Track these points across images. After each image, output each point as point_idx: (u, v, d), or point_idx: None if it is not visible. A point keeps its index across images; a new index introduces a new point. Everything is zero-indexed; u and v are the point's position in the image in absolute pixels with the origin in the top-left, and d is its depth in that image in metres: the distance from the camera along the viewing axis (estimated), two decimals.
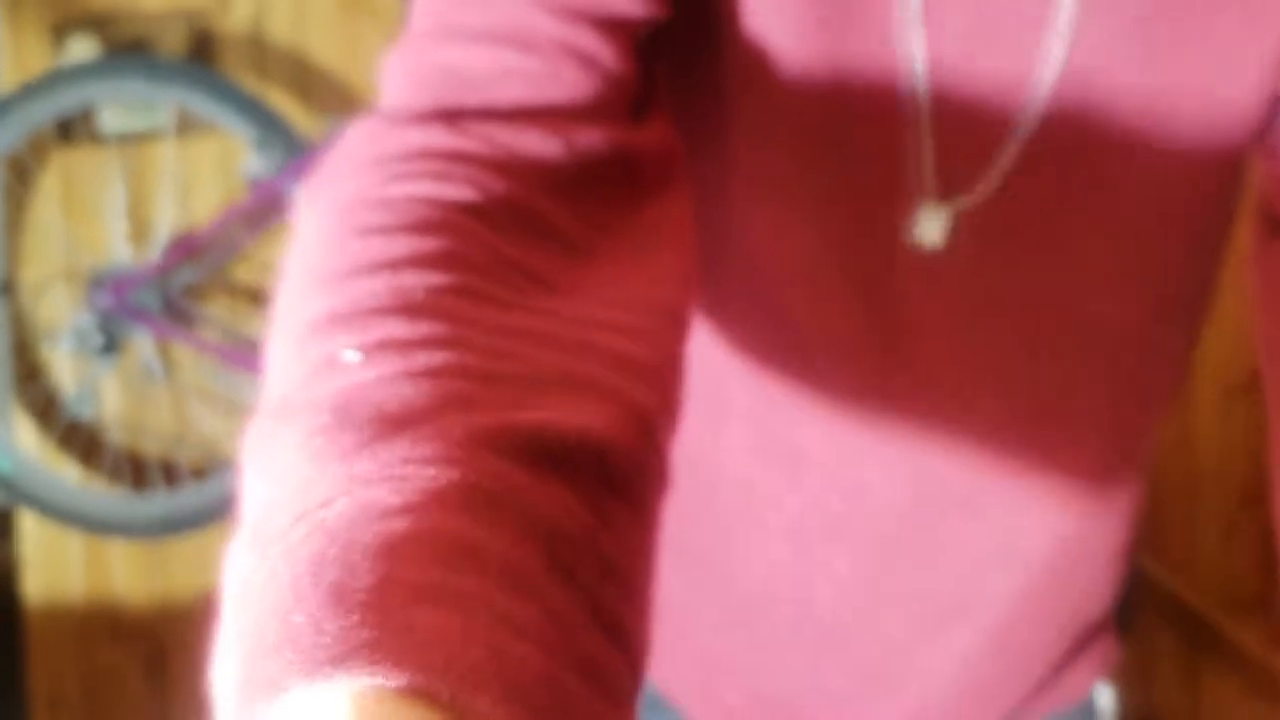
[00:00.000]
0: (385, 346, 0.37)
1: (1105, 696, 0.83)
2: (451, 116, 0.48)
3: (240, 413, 2.15)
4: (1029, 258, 0.63)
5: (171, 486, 2.12)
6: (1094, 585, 0.76)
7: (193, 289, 2.11)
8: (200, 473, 2.13)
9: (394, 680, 0.27)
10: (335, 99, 2.12)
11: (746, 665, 0.76)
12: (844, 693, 0.75)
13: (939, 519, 0.70)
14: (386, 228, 0.42)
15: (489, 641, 0.29)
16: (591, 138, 0.49)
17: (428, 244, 0.41)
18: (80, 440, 2.14)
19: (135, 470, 2.14)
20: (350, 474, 0.33)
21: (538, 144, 0.48)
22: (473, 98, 0.49)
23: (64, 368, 2.13)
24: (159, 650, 2.18)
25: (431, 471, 0.33)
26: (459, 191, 0.44)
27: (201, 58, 2.10)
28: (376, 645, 0.28)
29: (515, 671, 0.29)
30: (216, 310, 2.14)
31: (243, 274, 2.15)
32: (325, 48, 2.13)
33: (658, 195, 0.52)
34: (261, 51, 2.12)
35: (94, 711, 2.17)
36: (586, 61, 0.50)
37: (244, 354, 2.09)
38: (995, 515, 0.70)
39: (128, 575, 2.17)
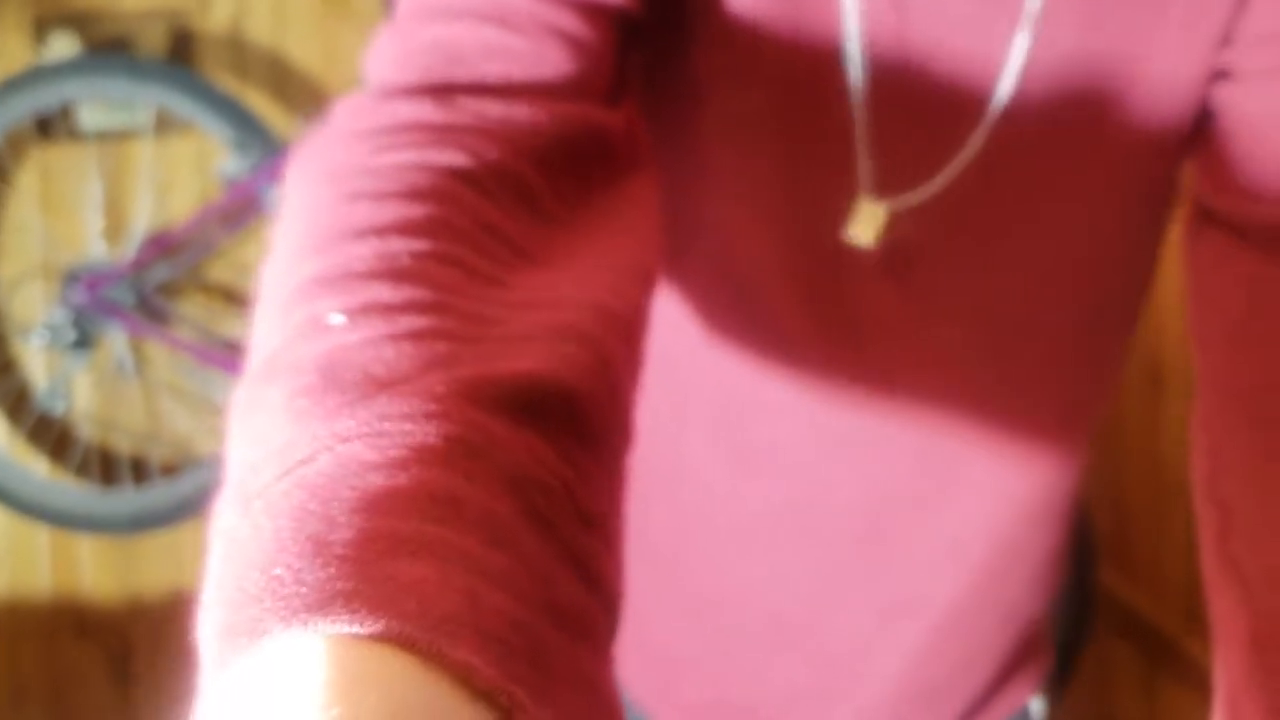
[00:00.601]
0: (370, 310, 0.38)
1: (1037, 705, 0.84)
2: (439, 91, 0.49)
3: (212, 411, 2.15)
4: (974, 257, 0.64)
5: (141, 483, 2.12)
6: (1033, 583, 0.77)
7: (167, 287, 2.12)
8: (170, 470, 2.13)
9: (370, 627, 0.28)
10: (313, 101, 2.13)
11: (704, 663, 0.77)
12: (799, 691, 0.76)
13: (890, 518, 0.71)
14: (374, 194, 0.43)
15: (465, 590, 0.30)
16: (572, 115, 0.50)
17: (415, 210, 0.42)
18: (50, 435, 2.14)
19: (105, 466, 2.14)
20: (331, 431, 0.34)
21: (523, 118, 0.49)
22: (460, 73, 0.50)
23: (36, 362, 2.13)
24: (124, 647, 2.18)
25: (410, 426, 0.33)
26: (448, 157, 0.45)
27: (181, 57, 2.11)
28: (354, 594, 0.29)
29: (491, 619, 0.30)
30: (190, 308, 2.14)
31: (217, 273, 2.15)
32: (304, 50, 2.14)
33: (628, 176, 0.53)
34: (240, 52, 2.14)
35: (58, 707, 2.17)
36: (568, 42, 0.52)
37: (217, 352, 2.10)
38: (943, 513, 0.71)
39: (95, 571, 2.16)
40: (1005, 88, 0.60)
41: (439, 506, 0.32)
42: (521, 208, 0.46)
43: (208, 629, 0.32)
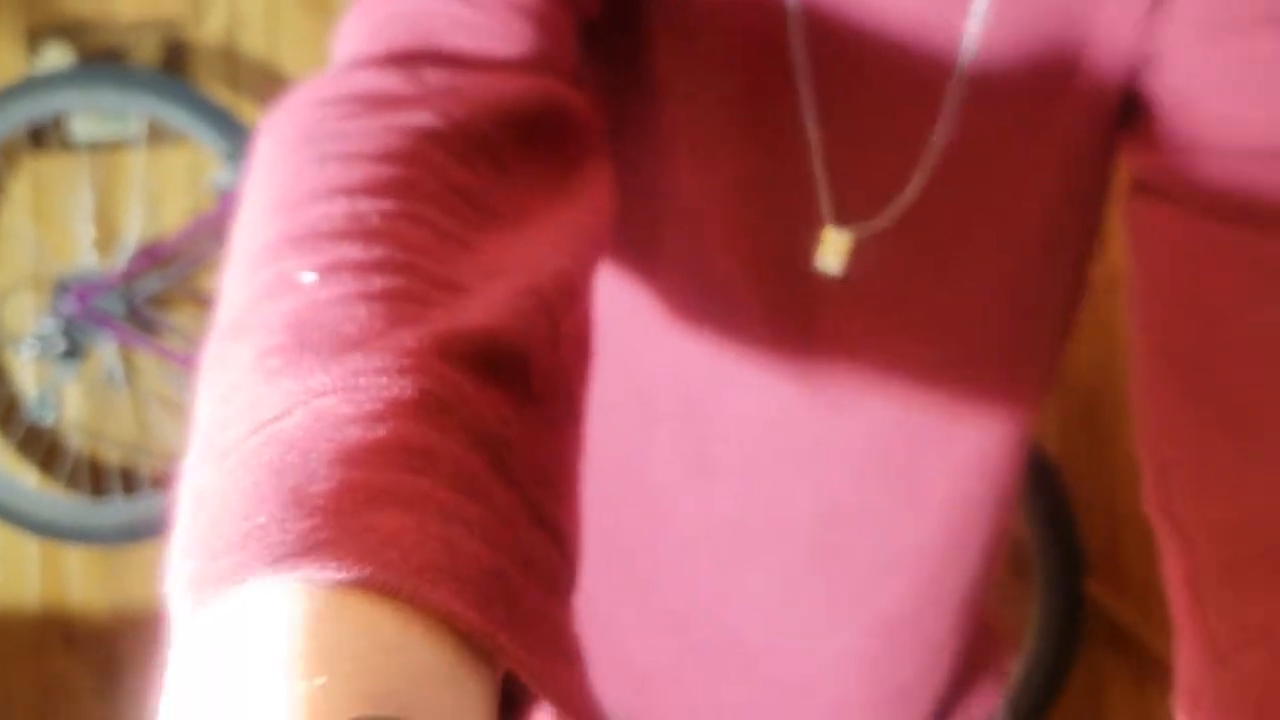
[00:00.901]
0: (340, 269, 0.38)
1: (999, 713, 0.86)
2: (406, 60, 0.50)
3: None
4: (930, 278, 0.66)
5: (130, 494, 2.12)
6: (982, 568, 0.79)
7: (158, 297, 2.11)
8: (160, 481, 2.13)
9: (351, 574, 0.28)
10: None
11: (674, 675, 0.77)
12: (772, 702, 0.77)
13: (847, 525, 0.72)
14: (343, 156, 0.43)
15: (443, 539, 0.30)
16: (536, 88, 0.51)
17: (384, 171, 0.42)
18: (40, 445, 2.13)
19: (94, 477, 2.14)
20: (306, 387, 0.34)
21: (489, 87, 0.49)
22: (426, 45, 0.51)
23: (26, 372, 2.13)
24: (112, 659, 2.17)
25: (384, 381, 0.34)
26: (416, 119, 0.46)
27: (174, 68, 2.11)
28: (337, 543, 0.29)
29: (467, 567, 0.30)
30: (181, 319, 2.14)
31: (209, 284, 2.15)
32: (298, 61, 2.14)
33: (587, 152, 0.54)
34: (234, 64, 2.14)
35: (45, 719, 2.16)
36: (532, 19, 0.53)
37: None
38: (899, 518, 0.72)
39: (83, 582, 2.16)
40: (959, 80, 0.61)
41: (415, 458, 0.32)
42: (488, 169, 0.46)
43: (178, 580, 0.31)
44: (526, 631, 0.31)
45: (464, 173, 0.45)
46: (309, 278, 0.38)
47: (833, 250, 0.64)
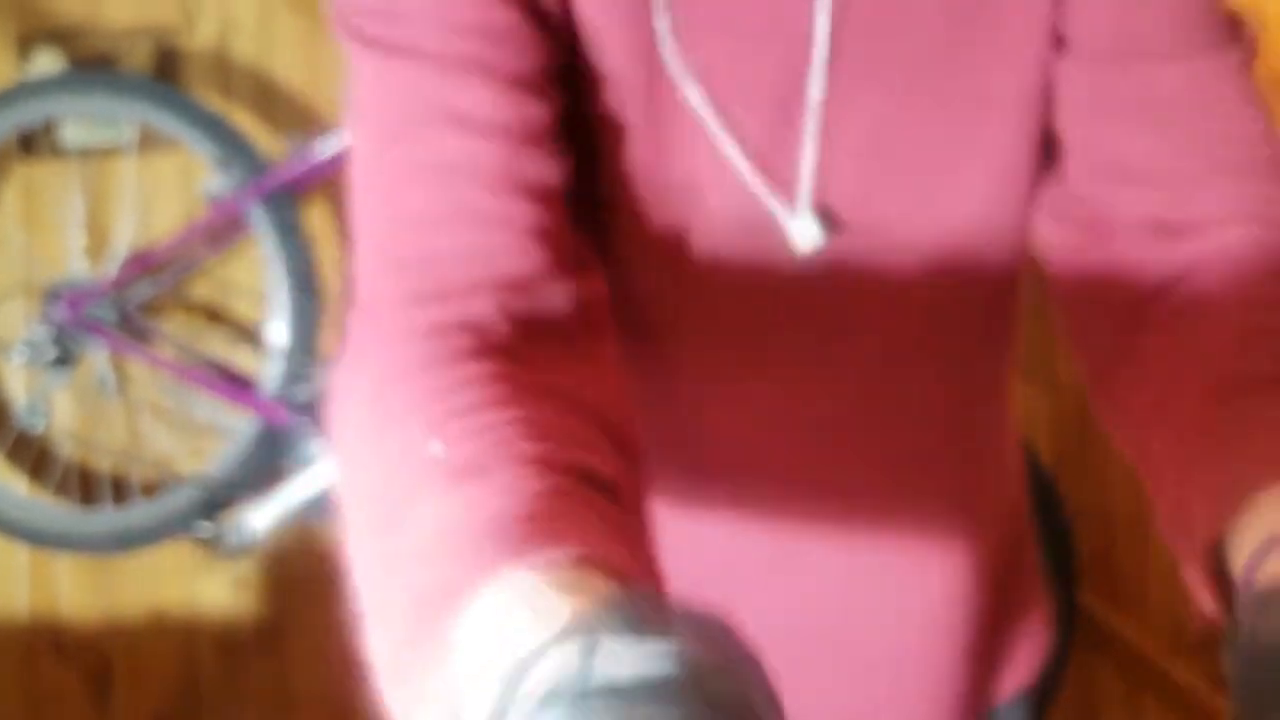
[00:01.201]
0: (464, 437, 0.52)
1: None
2: (435, 298, 0.58)
3: (193, 430, 2.14)
4: (889, 235, 0.69)
5: (120, 503, 2.11)
6: (1009, 514, 0.82)
7: (149, 305, 2.11)
8: (150, 490, 2.12)
9: (569, 554, 0.44)
10: (298, 119, 2.13)
11: None
12: (852, 688, 0.79)
13: (865, 517, 0.74)
14: (415, 377, 0.56)
15: (610, 538, 0.48)
16: (557, 297, 0.60)
17: (467, 370, 0.56)
18: (30, 453, 2.12)
19: (84, 485, 2.13)
20: (466, 500, 0.49)
21: (514, 310, 0.58)
22: (449, 279, 0.59)
23: (16, 379, 2.12)
24: (103, 668, 2.16)
25: (523, 484, 0.49)
26: (467, 342, 0.57)
27: (166, 75, 2.11)
28: (546, 545, 0.45)
29: (626, 555, 0.48)
30: (172, 327, 2.14)
31: (200, 291, 2.15)
32: (290, 68, 2.14)
33: (604, 323, 0.63)
34: (226, 70, 2.14)
35: None
36: (536, 232, 0.60)
37: (199, 371, 2.09)
38: (925, 489, 0.76)
39: (73, 591, 2.15)
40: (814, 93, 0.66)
41: (564, 506, 0.49)
42: (524, 368, 0.57)
43: (408, 608, 0.47)
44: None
45: (523, 371, 0.57)
46: (439, 449, 0.52)
47: (801, 235, 0.67)
